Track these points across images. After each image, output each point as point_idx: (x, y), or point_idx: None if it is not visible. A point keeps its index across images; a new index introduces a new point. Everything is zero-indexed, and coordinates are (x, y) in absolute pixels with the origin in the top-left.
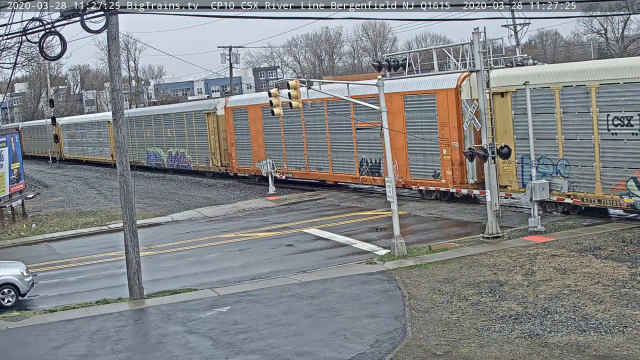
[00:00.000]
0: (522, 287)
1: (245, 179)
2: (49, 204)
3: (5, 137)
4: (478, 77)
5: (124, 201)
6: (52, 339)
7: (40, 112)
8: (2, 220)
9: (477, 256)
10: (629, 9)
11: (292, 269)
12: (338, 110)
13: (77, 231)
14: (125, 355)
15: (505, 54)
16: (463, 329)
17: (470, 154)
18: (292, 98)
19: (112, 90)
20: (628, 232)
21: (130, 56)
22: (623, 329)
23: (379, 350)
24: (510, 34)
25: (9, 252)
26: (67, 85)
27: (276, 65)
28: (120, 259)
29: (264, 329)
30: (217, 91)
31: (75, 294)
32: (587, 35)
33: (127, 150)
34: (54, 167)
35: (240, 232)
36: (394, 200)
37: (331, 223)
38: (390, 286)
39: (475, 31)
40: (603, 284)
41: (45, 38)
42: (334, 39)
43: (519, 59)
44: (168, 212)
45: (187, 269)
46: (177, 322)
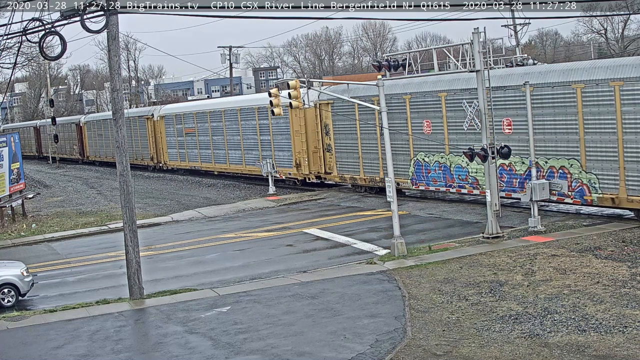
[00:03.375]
0: (522, 287)
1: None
2: (49, 204)
3: (5, 137)
4: (478, 77)
5: (124, 201)
6: (52, 339)
7: (40, 112)
8: (2, 220)
9: (477, 256)
10: (629, 9)
11: (292, 269)
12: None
13: (77, 231)
14: (125, 355)
15: (505, 54)
16: (463, 329)
17: (470, 153)
18: (292, 98)
19: (112, 90)
20: (628, 232)
21: (130, 56)
22: (623, 329)
23: (379, 350)
24: (510, 34)
25: (9, 252)
26: (67, 85)
27: (276, 65)
28: (120, 259)
29: (264, 329)
30: (217, 91)
31: (75, 294)
32: (587, 35)
33: (126, 150)
34: (54, 167)
35: (240, 232)
36: (394, 200)
37: (331, 223)
38: (390, 286)
39: (475, 31)
40: (603, 284)
41: (45, 38)
42: (334, 39)
43: (519, 59)
44: (168, 212)
45: (187, 269)
46: (177, 322)
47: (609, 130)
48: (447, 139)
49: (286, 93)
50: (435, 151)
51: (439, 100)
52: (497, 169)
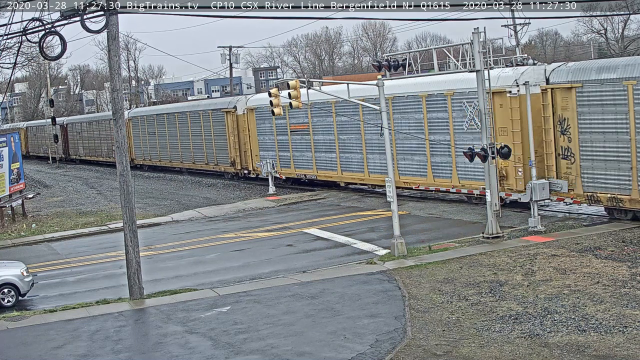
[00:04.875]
0: (522, 287)
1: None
2: (49, 204)
3: (5, 137)
4: (478, 77)
5: (124, 201)
6: (52, 339)
7: (40, 112)
8: (2, 220)
9: (477, 256)
10: (629, 9)
11: (292, 269)
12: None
13: (77, 231)
14: (125, 355)
15: (505, 54)
16: (463, 329)
17: (470, 153)
18: (292, 98)
19: (112, 90)
20: (628, 232)
21: (130, 56)
22: (623, 329)
23: (379, 350)
24: (510, 34)
25: (9, 252)
26: (67, 85)
27: (276, 65)
28: (120, 259)
29: (264, 329)
30: (217, 91)
31: (75, 294)
32: (587, 35)
33: (126, 150)
34: (54, 167)
35: (240, 232)
36: (394, 200)
37: (331, 223)
38: (390, 286)
39: (475, 31)
40: (603, 284)
41: (45, 38)
42: (334, 39)
43: (519, 59)
44: (168, 212)
45: (187, 269)
46: (177, 322)
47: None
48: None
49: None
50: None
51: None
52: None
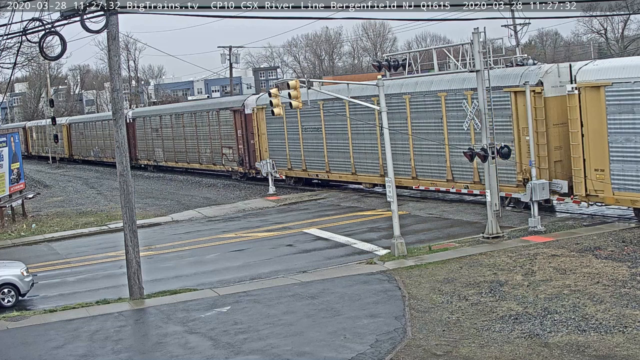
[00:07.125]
0: (522, 287)
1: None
2: (49, 204)
3: (5, 137)
4: (478, 76)
5: (124, 201)
6: (52, 339)
7: (40, 112)
8: (2, 220)
9: (477, 256)
10: (629, 9)
11: (292, 269)
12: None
13: (77, 231)
14: (125, 355)
15: (505, 54)
16: (463, 329)
17: (470, 154)
18: (292, 98)
19: (112, 90)
20: (628, 232)
21: (130, 56)
22: (623, 329)
23: (379, 350)
24: (510, 34)
25: (9, 252)
26: (67, 85)
27: (276, 65)
28: (120, 259)
29: (264, 329)
30: (217, 91)
31: (75, 294)
32: (587, 35)
33: (126, 150)
34: (54, 167)
35: (240, 232)
36: (394, 200)
37: (331, 223)
38: (390, 286)
39: (475, 31)
40: (603, 284)
41: (45, 38)
42: (334, 39)
43: (519, 59)
44: (168, 212)
45: (187, 269)
46: (177, 322)
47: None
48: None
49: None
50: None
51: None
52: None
